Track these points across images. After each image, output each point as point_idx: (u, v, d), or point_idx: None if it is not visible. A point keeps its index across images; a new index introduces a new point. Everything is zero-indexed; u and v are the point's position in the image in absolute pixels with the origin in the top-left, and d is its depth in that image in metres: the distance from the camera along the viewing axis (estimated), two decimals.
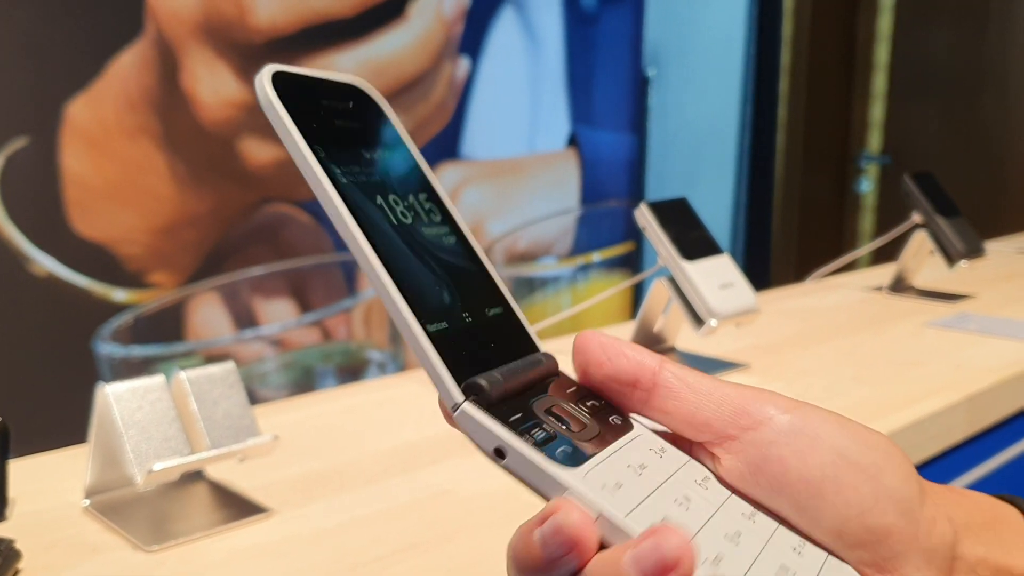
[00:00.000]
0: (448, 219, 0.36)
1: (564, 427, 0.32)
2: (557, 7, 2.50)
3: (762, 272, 3.11)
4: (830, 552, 0.31)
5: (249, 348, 1.97)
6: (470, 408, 0.31)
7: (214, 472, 0.74)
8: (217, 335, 1.93)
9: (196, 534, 0.65)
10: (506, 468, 0.30)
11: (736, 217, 3.15)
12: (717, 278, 1.02)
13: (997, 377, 1.06)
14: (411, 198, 0.35)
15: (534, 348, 0.35)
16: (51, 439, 0.85)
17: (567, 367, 0.35)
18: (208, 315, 1.93)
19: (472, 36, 2.30)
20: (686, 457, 0.33)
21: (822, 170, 3.27)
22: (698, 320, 1.01)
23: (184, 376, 0.67)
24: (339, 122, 0.34)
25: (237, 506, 0.69)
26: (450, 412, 0.31)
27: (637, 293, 2.81)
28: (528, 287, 2.57)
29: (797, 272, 3.04)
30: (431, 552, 0.64)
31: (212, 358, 1.89)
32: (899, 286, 1.50)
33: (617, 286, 1.19)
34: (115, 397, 0.64)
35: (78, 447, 0.82)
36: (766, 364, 1.10)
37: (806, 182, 3.25)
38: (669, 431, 0.34)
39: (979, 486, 1.04)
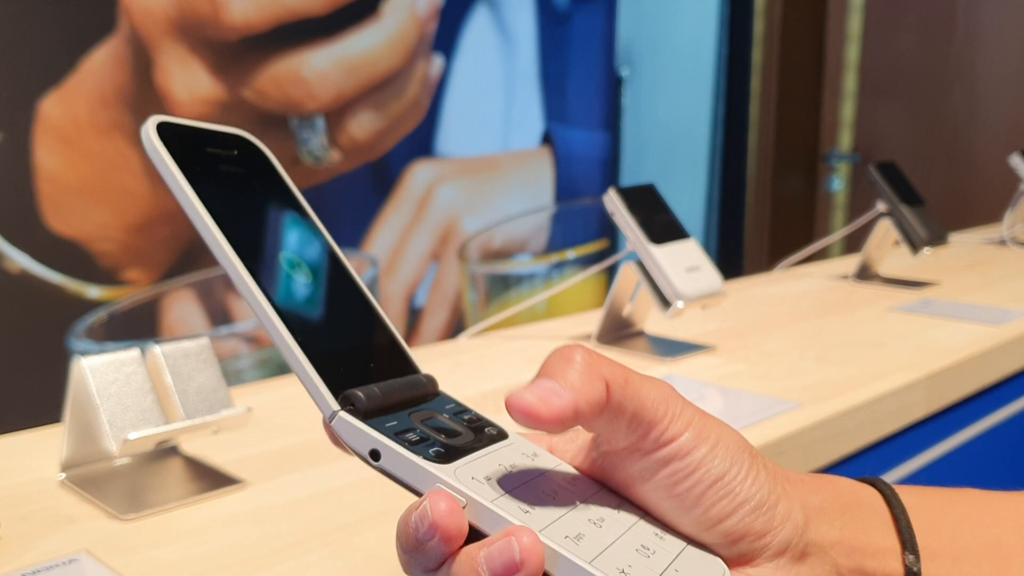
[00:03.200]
0: (331, 257, 0.38)
1: (439, 434, 0.34)
2: (530, 6, 2.52)
3: (734, 269, 3.15)
4: (690, 542, 0.34)
5: (224, 345, 1.98)
6: (345, 416, 0.33)
7: (188, 447, 0.75)
8: (192, 332, 1.93)
9: (171, 504, 0.66)
10: (381, 469, 0.32)
11: (708, 215, 3.18)
12: (683, 261, 1.04)
13: (957, 357, 1.08)
14: (295, 236, 0.37)
15: (414, 370, 0.37)
16: None
17: (447, 388, 0.38)
18: (183, 312, 1.94)
19: (446, 34, 2.32)
20: (557, 460, 0.36)
21: (793, 168, 3.31)
22: (665, 302, 1.03)
23: (159, 350, 0.68)
24: (224, 167, 0.36)
25: (211, 478, 0.70)
26: (327, 422, 0.33)
27: (610, 282, 2.84)
28: (503, 284, 2.59)
29: (769, 269, 3.07)
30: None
31: None
32: (864, 274, 1.53)
33: (587, 271, 1.21)
34: (91, 369, 0.65)
35: (51, 427, 0.83)
36: (731, 346, 1.12)
37: (777, 180, 3.28)
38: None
39: (938, 463, 1.07)
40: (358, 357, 0.35)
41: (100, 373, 0.65)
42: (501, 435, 0.36)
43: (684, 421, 0.33)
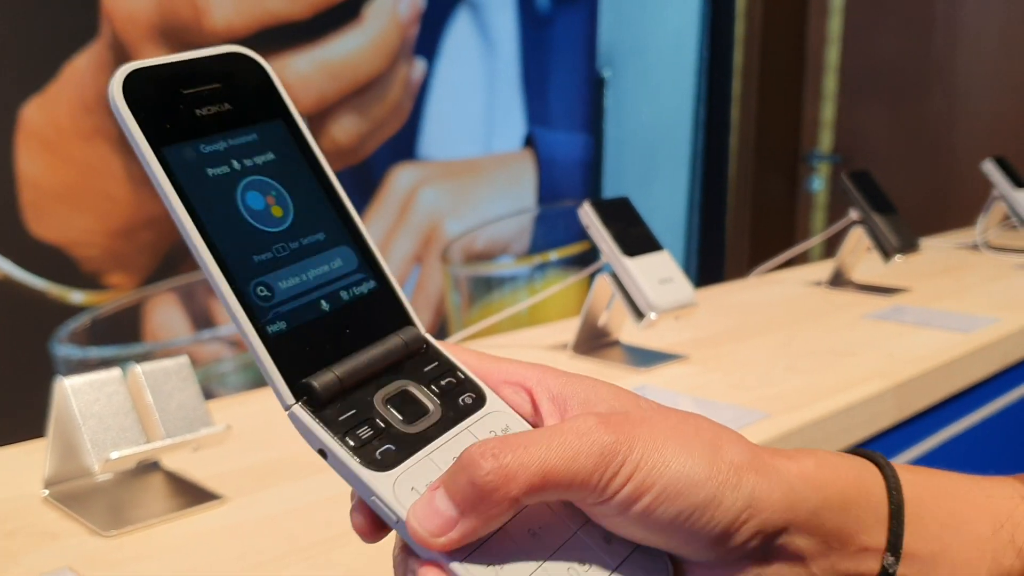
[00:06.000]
0: (327, 190, 0.35)
1: (399, 419, 0.32)
2: (512, 9, 2.54)
3: (716, 270, 3.17)
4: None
5: (207, 349, 1.99)
6: (298, 411, 0.31)
7: (169, 462, 0.77)
8: (175, 336, 1.94)
9: (152, 520, 0.68)
10: (331, 466, 0.32)
11: (690, 216, 3.20)
12: (657, 273, 1.06)
13: (926, 366, 1.11)
14: (284, 173, 0.34)
15: (407, 322, 0.35)
16: (9, 441, 0.87)
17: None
18: (166, 316, 1.95)
19: (427, 38, 2.33)
20: None
21: (774, 169, 3.34)
22: (639, 313, 1.05)
23: (139, 369, 0.70)
24: (202, 110, 0.33)
25: (192, 494, 0.72)
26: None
27: (591, 285, 2.86)
28: (486, 286, 2.60)
29: (750, 269, 3.10)
30: None
31: None
32: (838, 281, 1.56)
33: (563, 282, 1.23)
34: (73, 390, 0.67)
35: (35, 441, 0.84)
36: (704, 356, 1.14)
37: (758, 181, 3.31)
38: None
39: None
40: (332, 325, 0.33)
41: (82, 393, 0.67)
42: (478, 403, 0.34)
43: (622, 477, 0.32)
